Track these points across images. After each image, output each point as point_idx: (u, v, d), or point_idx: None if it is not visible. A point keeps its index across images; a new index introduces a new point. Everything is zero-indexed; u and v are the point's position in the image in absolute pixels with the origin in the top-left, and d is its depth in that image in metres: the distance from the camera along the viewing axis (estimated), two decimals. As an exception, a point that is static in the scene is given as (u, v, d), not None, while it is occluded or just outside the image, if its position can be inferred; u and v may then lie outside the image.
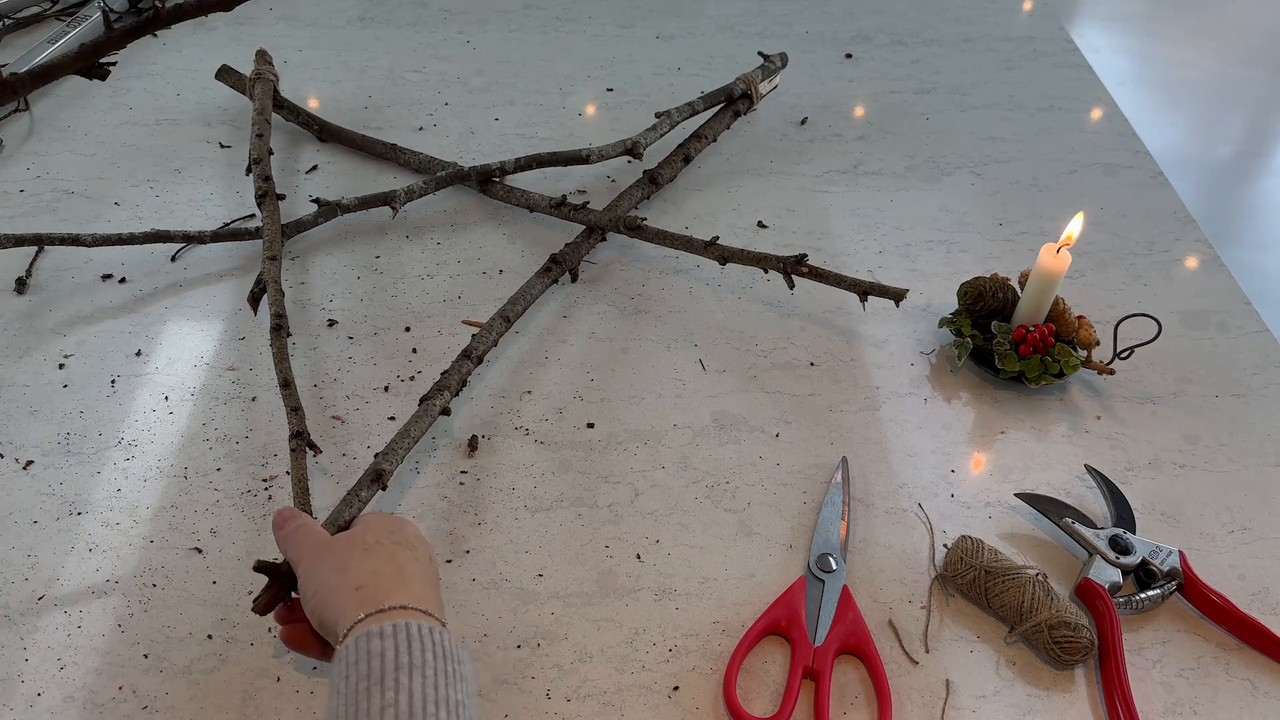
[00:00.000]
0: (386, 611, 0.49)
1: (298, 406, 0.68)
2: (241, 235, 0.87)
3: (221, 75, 1.04)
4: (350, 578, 0.51)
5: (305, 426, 0.67)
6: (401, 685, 0.44)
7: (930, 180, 1.01)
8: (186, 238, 0.85)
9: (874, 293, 0.78)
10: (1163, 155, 1.10)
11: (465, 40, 1.21)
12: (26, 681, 0.58)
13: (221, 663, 0.59)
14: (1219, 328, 0.85)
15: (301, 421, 0.67)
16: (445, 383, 0.71)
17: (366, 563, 0.52)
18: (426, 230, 0.92)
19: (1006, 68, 1.20)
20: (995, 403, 0.78)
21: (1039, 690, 0.60)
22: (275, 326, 0.74)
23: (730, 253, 0.81)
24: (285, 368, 0.71)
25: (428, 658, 0.46)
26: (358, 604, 0.49)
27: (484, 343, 0.75)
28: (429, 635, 0.47)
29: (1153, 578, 0.65)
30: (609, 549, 0.66)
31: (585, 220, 0.87)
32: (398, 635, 0.46)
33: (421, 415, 0.69)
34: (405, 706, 0.44)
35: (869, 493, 0.71)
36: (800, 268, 0.79)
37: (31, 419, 0.73)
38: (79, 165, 0.97)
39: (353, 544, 0.54)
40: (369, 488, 0.63)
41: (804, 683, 0.59)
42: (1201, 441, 0.75)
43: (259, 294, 0.78)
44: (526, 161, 0.91)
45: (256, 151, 0.90)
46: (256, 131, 0.92)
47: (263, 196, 0.86)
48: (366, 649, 0.46)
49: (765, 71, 1.04)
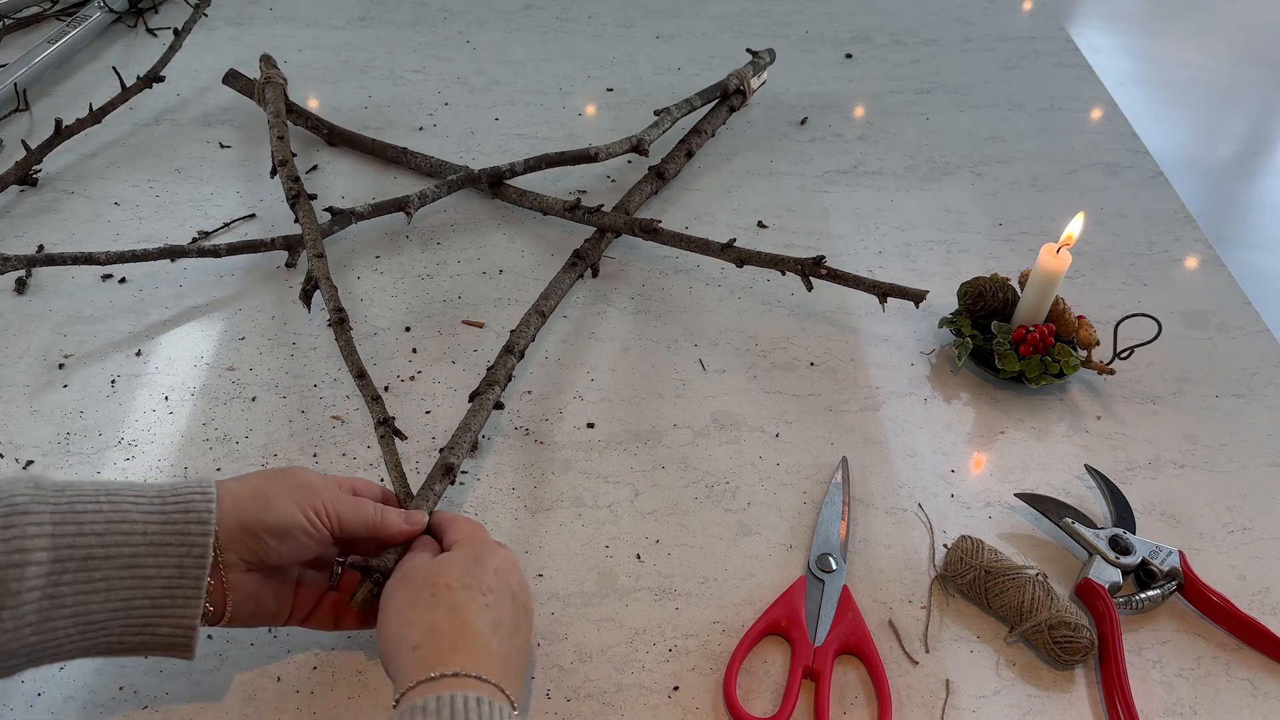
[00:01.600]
0: (436, 681, 0.47)
1: (377, 396, 0.69)
2: (258, 247, 0.84)
3: (229, 80, 1.03)
4: (411, 632, 0.50)
5: (388, 414, 0.67)
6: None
7: (930, 180, 1.01)
8: (201, 252, 0.82)
9: (894, 294, 0.78)
10: (1163, 155, 1.10)
11: (465, 40, 1.21)
12: (26, 681, 0.58)
13: (221, 663, 0.59)
14: (1219, 328, 0.85)
15: (383, 410, 0.68)
16: (494, 378, 0.72)
17: (428, 616, 0.50)
18: (426, 230, 0.92)
19: (1006, 68, 1.20)
20: (995, 403, 0.78)
21: (1039, 690, 0.60)
22: (337, 321, 0.74)
23: (748, 255, 0.81)
24: (356, 359, 0.71)
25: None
26: (411, 668, 0.48)
27: (523, 338, 0.76)
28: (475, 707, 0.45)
29: (1153, 578, 0.65)
30: (609, 549, 0.66)
31: (600, 224, 0.87)
32: (440, 711, 0.44)
33: (478, 409, 0.70)
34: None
35: (869, 493, 0.71)
36: (819, 269, 0.79)
37: (31, 419, 0.73)
38: (79, 165, 0.97)
39: (424, 585, 0.52)
40: (440, 481, 0.64)
41: (804, 683, 0.59)
42: (1201, 441, 0.75)
43: (310, 290, 0.78)
44: (536, 162, 0.92)
45: (280, 154, 0.90)
46: (277, 134, 0.92)
47: (295, 198, 0.85)
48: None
49: (755, 67, 1.06)
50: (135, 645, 0.50)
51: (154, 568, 0.48)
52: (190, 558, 0.49)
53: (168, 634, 0.50)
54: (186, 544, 0.49)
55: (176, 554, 0.49)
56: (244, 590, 0.52)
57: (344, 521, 0.54)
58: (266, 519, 0.51)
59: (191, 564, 0.49)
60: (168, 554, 0.49)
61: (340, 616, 0.57)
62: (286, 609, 0.56)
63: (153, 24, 1.21)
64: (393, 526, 0.56)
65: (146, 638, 0.50)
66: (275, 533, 0.52)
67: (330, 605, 0.57)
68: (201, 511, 0.50)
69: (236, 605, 0.52)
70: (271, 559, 0.53)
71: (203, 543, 0.49)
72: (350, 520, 0.54)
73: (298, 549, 0.53)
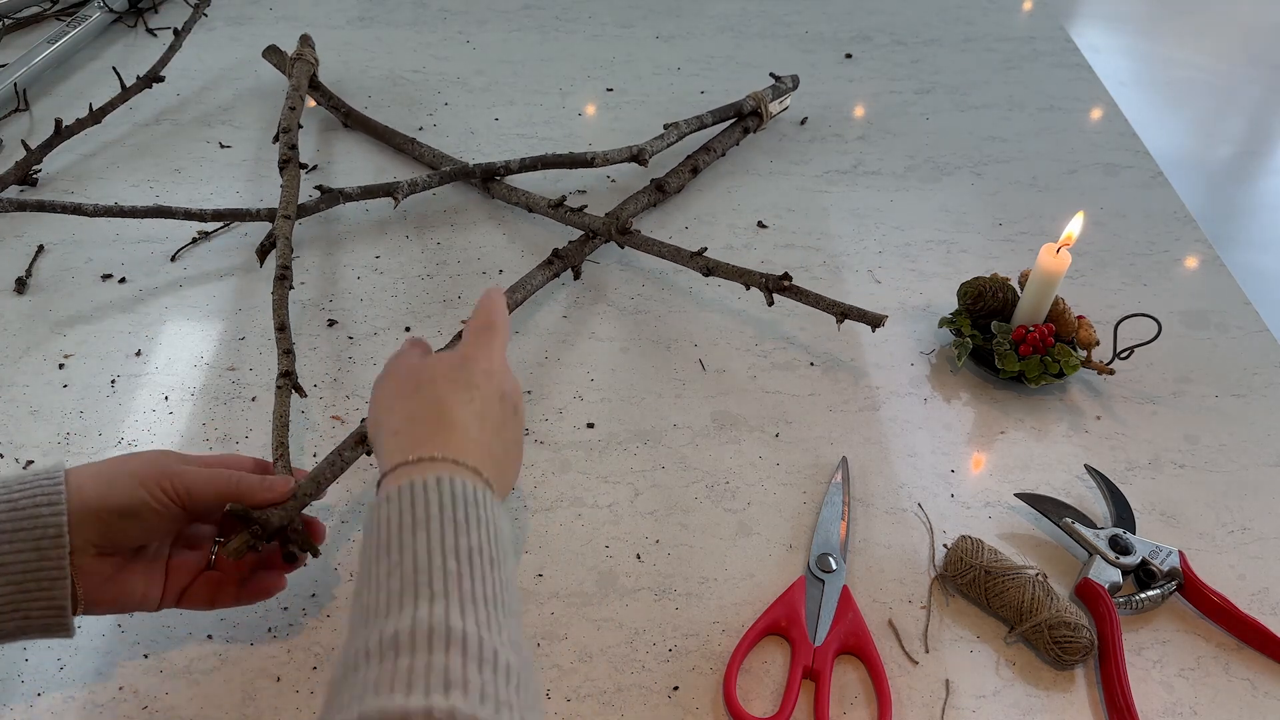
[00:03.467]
0: (417, 464, 0.47)
1: (290, 349, 0.70)
2: (244, 216, 0.87)
3: (267, 54, 1.07)
4: (392, 420, 0.50)
5: (294, 368, 0.69)
6: (405, 545, 0.43)
7: (930, 180, 1.01)
8: (188, 214, 0.84)
9: (852, 316, 0.77)
10: (1163, 155, 1.10)
11: (465, 40, 1.21)
12: (26, 681, 0.58)
13: (221, 663, 0.59)
14: (1219, 328, 0.85)
15: (291, 363, 0.69)
16: None
17: (410, 404, 0.51)
18: (426, 230, 0.92)
19: (1006, 68, 1.20)
20: (995, 403, 0.78)
21: (1039, 690, 0.60)
22: (280, 277, 0.76)
23: (715, 265, 0.81)
24: (283, 313, 0.73)
25: (432, 511, 0.44)
26: (390, 452, 0.48)
27: None
28: (435, 487, 0.45)
29: (1153, 578, 0.65)
30: (609, 549, 0.66)
31: (579, 224, 0.87)
32: (402, 497, 0.45)
33: None
34: (410, 565, 0.42)
35: (869, 493, 0.71)
36: (782, 285, 0.78)
37: (31, 419, 0.73)
38: (79, 165, 0.97)
39: (409, 377, 0.53)
40: (353, 449, 0.63)
41: (804, 683, 0.59)
42: (1201, 441, 0.75)
43: (269, 246, 0.79)
44: (532, 162, 0.91)
45: (286, 121, 0.93)
46: (289, 104, 0.95)
47: (286, 162, 0.88)
48: (376, 518, 0.45)
49: (776, 92, 1.04)
50: (12, 630, 0.50)
51: (11, 554, 0.49)
52: (47, 539, 0.49)
53: (40, 616, 0.50)
54: (40, 527, 0.49)
55: (31, 538, 0.49)
56: (99, 575, 0.52)
57: (194, 494, 0.53)
58: (111, 500, 0.51)
59: (49, 544, 0.49)
60: (21, 539, 0.49)
61: (216, 595, 0.57)
62: (157, 592, 0.55)
63: (153, 24, 1.21)
64: (252, 493, 0.56)
65: (20, 621, 0.50)
66: (123, 512, 0.51)
67: (205, 584, 0.57)
68: (51, 494, 0.50)
69: (93, 590, 0.52)
70: (126, 540, 0.52)
71: (56, 523, 0.49)
72: (201, 491, 0.54)
73: (149, 528, 0.53)
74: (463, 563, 0.43)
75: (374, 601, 0.41)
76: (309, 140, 1.02)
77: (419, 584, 0.41)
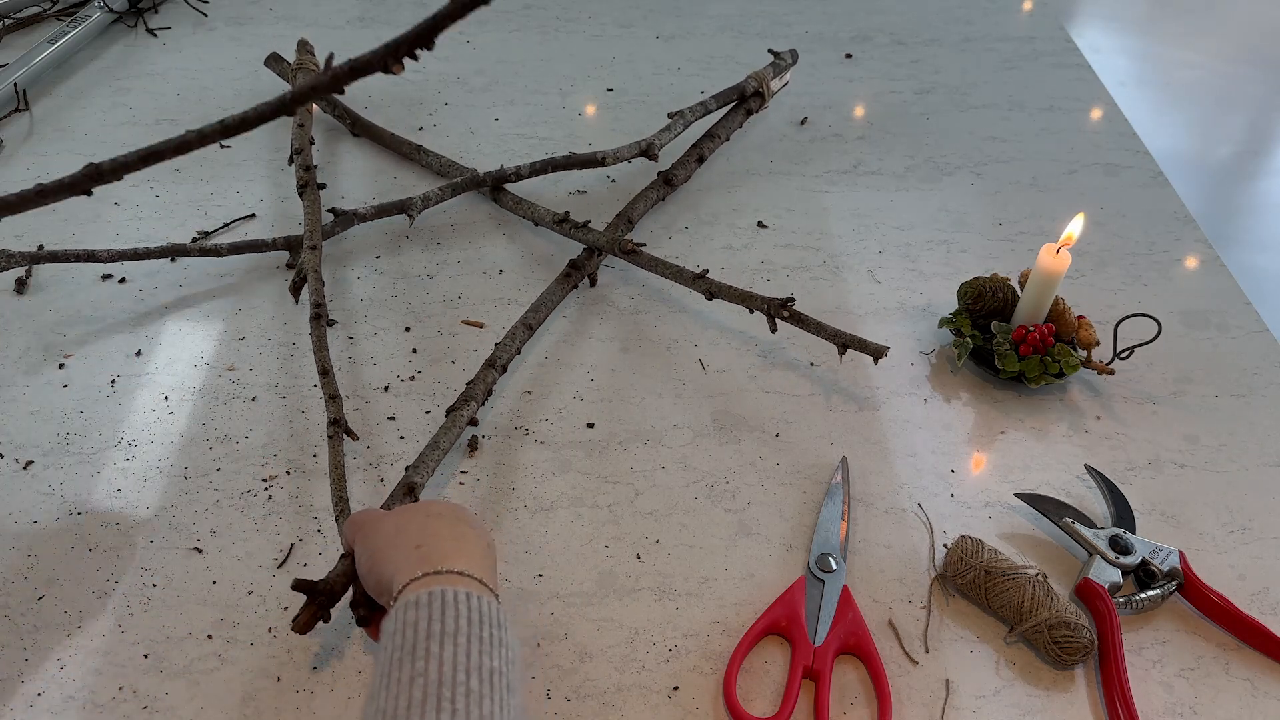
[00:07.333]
0: (443, 574, 0.48)
1: (336, 394, 0.69)
2: (259, 246, 0.84)
3: (270, 63, 1.05)
4: (409, 537, 0.51)
5: (343, 414, 0.68)
6: (432, 654, 0.43)
7: (930, 180, 1.01)
8: (203, 251, 0.83)
9: (853, 346, 0.75)
10: (1163, 155, 1.10)
11: (465, 40, 1.21)
12: (26, 681, 0.58)
13: (221, 663, 0.59)
14: (1219, 328, 0.85)
15: (339, 409, 0.68)
16: (471, 393, 0.71)
17: (429, 526, 0.52)
18: (426, 230, 0.92)
19: (1006, 68, 1.20)
20: (995, 403, 0.78)
21: (1039, 690, 0.60)
22: (315, 315, 0.74)
23: (718, 288, 0.79)
24: (324, 355, 0.71)
25: (461, 625, 0.45)
26: (416, 562, 0.49)
27: (507, 352, 0.75)
28: (465, 601, 0.46)
29: (1153, 578, 0.65)
30: (609, 549, 0.66)
31: (585, 240, 0.86)
32: (433, 603, 0.45)
33: (450, 426, 0.69)
34: (435, 675, 0.43)
35: (869, 493, 0.71)
36: (784, 311, 0.77)
37: (31, 419, 0.73)
38: (79, 165, 0.97)
39: (415, 511, 0.54)
40: (402, 500, 0.64)
41: (804, 683, 0.59)
42: (1201, 441, 0.75)
43: (300, 283, 0.78)
44: (542, 165, 0.90)
45: (298, 141, 0.91)
46: (298, 121, 0.93)
47: (304, 186, 0.86)
48: (403, 620, 0.45)
49: (776, 69, 1.03)
50: None
51: None
52: None
53: None
54: None
55: None
56: None
57: None
58: None
59: None
60: None
61: None
62: None
63: (153, 24, 1.21)
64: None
65: None
66: None
67: None
68: None
69: None
70: None
71: None
72: None
73: None
74: (484, 683, 0.43)
75: (394, 707, 0.42)
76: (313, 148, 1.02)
77: (441, 697, 0.42)
